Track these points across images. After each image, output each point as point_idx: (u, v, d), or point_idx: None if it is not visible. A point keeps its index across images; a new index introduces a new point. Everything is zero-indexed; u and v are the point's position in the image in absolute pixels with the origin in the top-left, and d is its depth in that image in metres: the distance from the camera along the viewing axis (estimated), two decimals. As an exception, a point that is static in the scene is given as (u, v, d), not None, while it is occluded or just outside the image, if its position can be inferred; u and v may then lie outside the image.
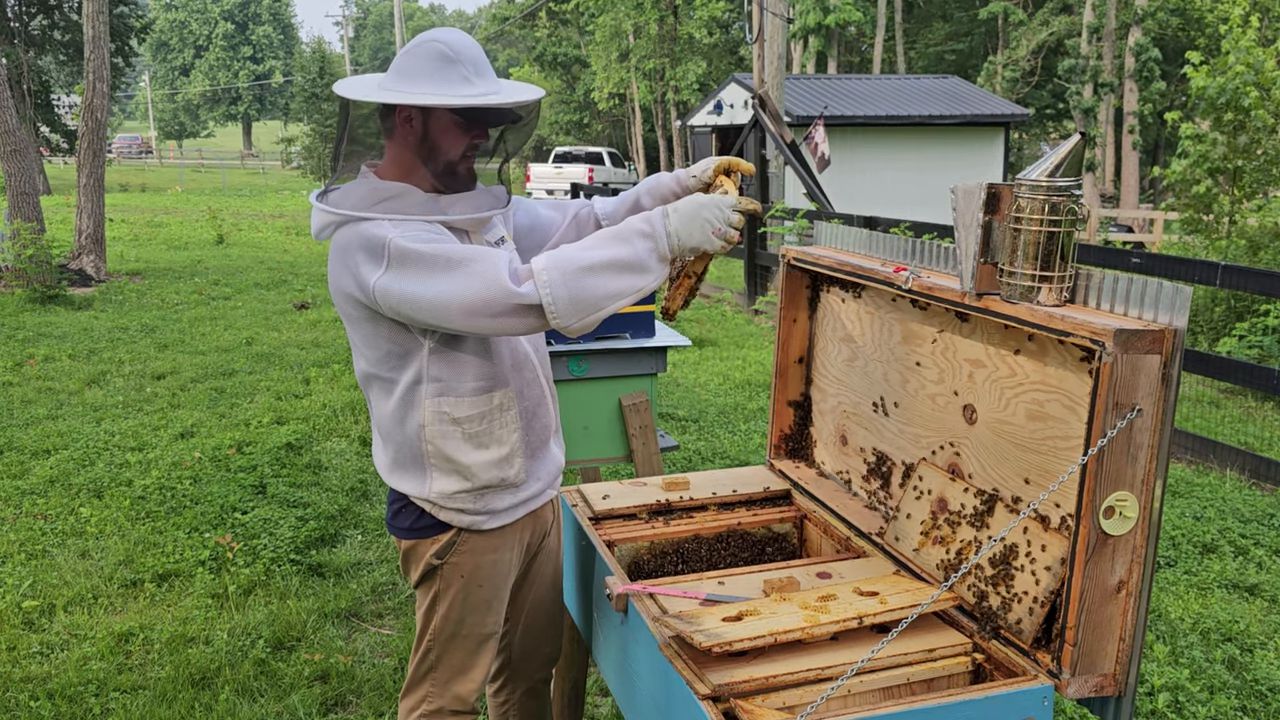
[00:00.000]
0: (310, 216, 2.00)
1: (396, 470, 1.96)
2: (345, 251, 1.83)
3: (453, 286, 1.74)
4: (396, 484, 1.97)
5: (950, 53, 33.06)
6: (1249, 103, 9.00)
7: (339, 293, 1.88)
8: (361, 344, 1.91)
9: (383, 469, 2.00)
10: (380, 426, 1.97)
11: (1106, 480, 1.51)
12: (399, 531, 2.00)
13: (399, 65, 1.87)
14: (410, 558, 2.01)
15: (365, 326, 1.88)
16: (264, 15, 63.03)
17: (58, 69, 33.35)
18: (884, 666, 1.65)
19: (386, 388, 1.92)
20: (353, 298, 1.85)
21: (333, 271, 1.89)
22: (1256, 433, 5.86)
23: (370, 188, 1.86)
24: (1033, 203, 1.61)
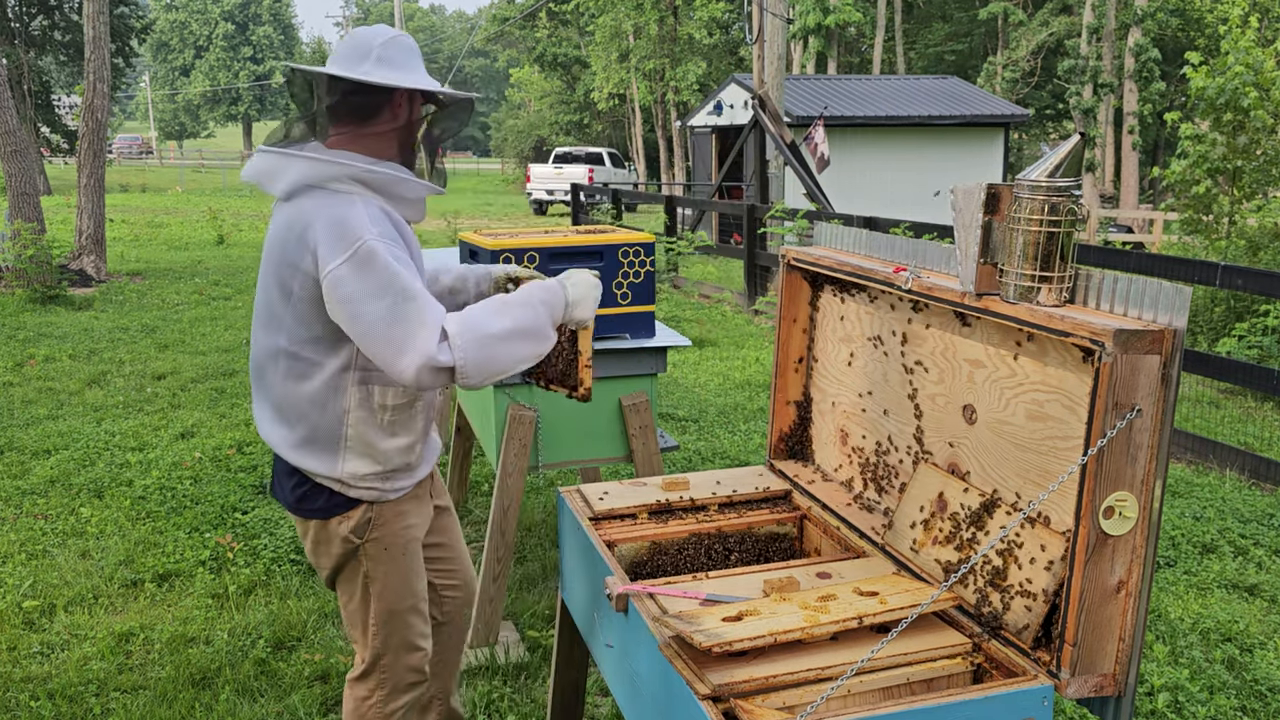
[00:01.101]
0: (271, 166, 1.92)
1: (305, 449, 1.99)
2: (309, 226, 1.85)
3: (391, 324, 1.78)
4: (302, 462, 2.00)
5: (950, 53, 33.06)
6: (1248, 103, 9.01)
7: (285, 263, 1.88)
8: (291, 321, 1.91)
9: (284, 446, 2.00)
10: (287, 405, 1.98)
11: (1106, 480, 1.51)
12: (310, 513, 2.03)
13: (386, 55, 1.93)
14: (322, 539, 2.05)
15: (304, 306, 1.89)
16: (264, 16, 63.02)
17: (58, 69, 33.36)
18: (884, 666, 1.65)
19: (305, 369, 1.94)
20: (303, 272, 1.86)
21: (283, 240, 1.89)
22: (1256, 433, 5.86)
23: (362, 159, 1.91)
24: (1032, 203, 1.62)
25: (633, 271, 3.12)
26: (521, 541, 4.13)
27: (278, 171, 1.91)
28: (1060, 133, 33.39)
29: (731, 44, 32.44)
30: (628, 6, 28.81)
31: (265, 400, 2.03)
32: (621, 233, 3.17)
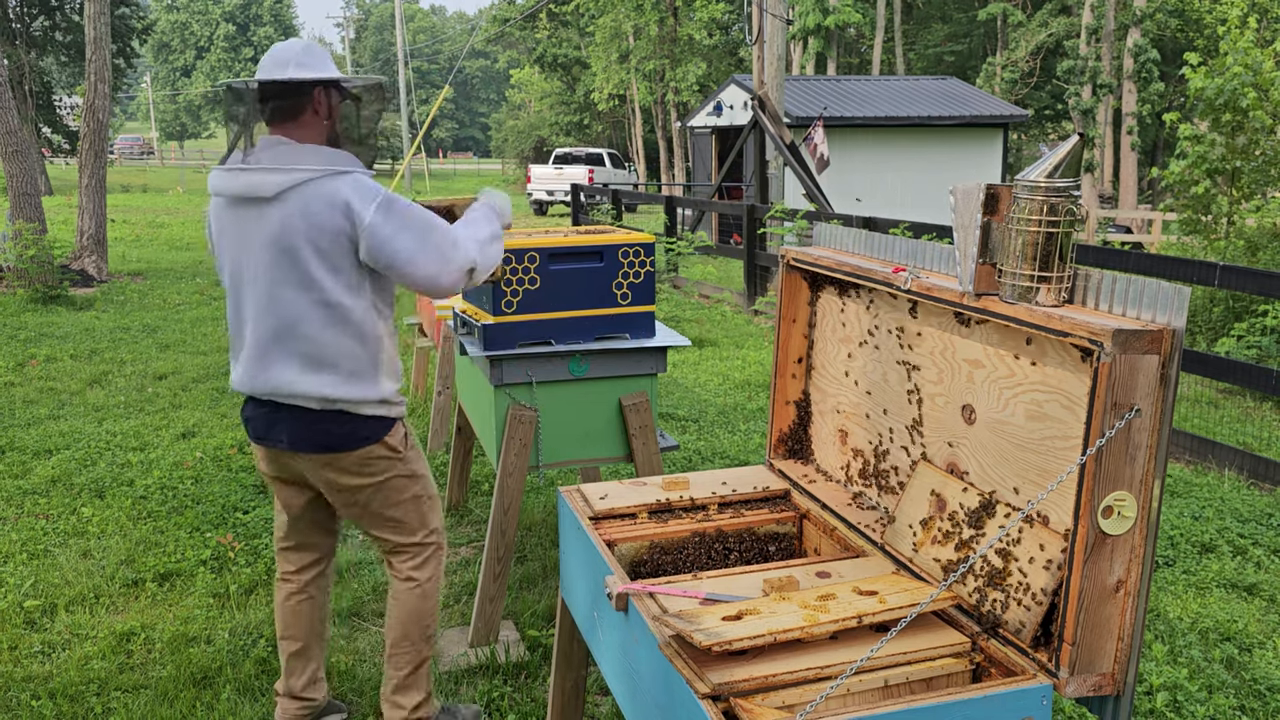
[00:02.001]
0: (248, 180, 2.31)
1: (351, 382, 2.36)
2: (336, 193, 2.26)
3: (424, 248, 2.30)
4: (349, 394, 2.35)
5: (949, 54, 33.07)
6: (1247, 103, 9.01)
7: (319, 228, 2.26)
8: (327, 276, 2.30)
9: (327, 388, 2.34)
10: (330, 349, 2.34)
11: (1105, 480, 1.52)
12: (362, 441, 2.39)
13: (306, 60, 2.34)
14: (370, 461, 2.42)
15: (337, 258, 2.29)
16: (265, 16, 63.05)
17: (59, 70, 33.35)
18: (883, 665, 1.66)
19: (344, 313, 2.33)
20: (337, 231, 2.27)
21: (305, 216, 2.26)
22: (1255, 433, 5.87)
23: (331, 152, 2.32)
24: (1031, 203, 1.62)
25: (633, 272, 3.12)
26: (521, 541, 4.14)
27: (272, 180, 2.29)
28: (1059, 133, 33.40)
29: (731, 44, 32.45)
30: (628, 7, 28.82)
31: (292, 357, 2.35)
32: (621, 233, 3.18)
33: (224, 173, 2.36)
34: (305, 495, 2.61)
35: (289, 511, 2.65)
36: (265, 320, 2.35)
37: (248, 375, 2.41)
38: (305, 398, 2.35)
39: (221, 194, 2.37)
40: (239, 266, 2.38)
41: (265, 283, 2.33)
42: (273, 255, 2.31)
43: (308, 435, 2.39)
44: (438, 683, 3.08)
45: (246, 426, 2.51)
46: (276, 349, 2.35)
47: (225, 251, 2.42)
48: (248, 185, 2.30)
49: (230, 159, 2.37)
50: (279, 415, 2.41)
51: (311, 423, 2.38)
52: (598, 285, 3.09)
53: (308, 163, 2.28)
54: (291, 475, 2.55)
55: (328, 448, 2.40)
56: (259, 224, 2.32)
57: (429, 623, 2.62)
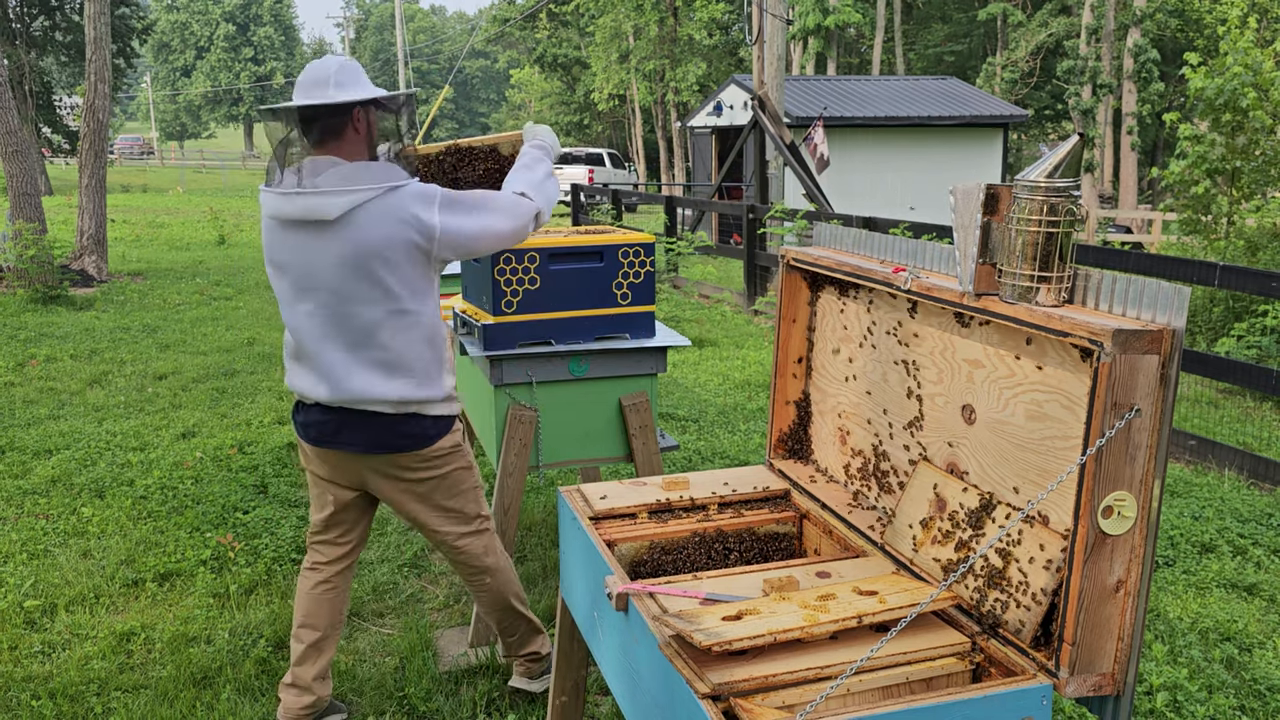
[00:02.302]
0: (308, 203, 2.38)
1: (423, 384, 2.49)
2: (400, 208, 2.37)
3: (496, 217, 2.45)
4: (421, 395, 2.48)
5: (949, 54, 33.08)
6: (1247, 103, 9.01)
7: (388, 243, 2.37)
8: (398, 286, 2.41)
9: (404, 391, 2.46)
10: (403, 355, 2.45)
11: (1105, 480, 1.52)
12: (429, 440, 2.53)
13: (343, 79, 2.42)
14: (434, 457, 2.57)
15: (407, 269, 2.41)
16: (265, 16, 63.03)
17: (59, 70, 33.34)
18: (883, 665, 1.66)
19: (413, 319, 2.45)
20: (407, 243, 2.39)
21: (374, 233, 2.36)
22: (1255, 433, 5.87)
23: (380, 167, 2.41)
24: (1031, 203, 1.62)
25: (633, 272, 3.12)
26: (521, 541, 4.14)
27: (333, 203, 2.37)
28: (1059, 133, 33.40)
29: (731, 45, 32.45)
30: (628, 7, 28.83)
31: (370, 366, 2.46)
32: (621, 233, 3.18)
33: (279, 196, 2.41)
34: (353, 494, 2.69)
35: (335, 507, 2.71)
36: (341, 334, 2.45)
37: (325, 385, 2.49)
38: (382, 403, 2.47)
39: (279, 217, 2.43)
40: (305, 285, 2.45)
41: (338, 299, 2.43)
42: (344, 273, 2.40)
43: (382, 439, 2.51)
44: (438, 682, 3.08)
45: (306, 431, 2.59)
46: (354, 359, 2.45)
47: (287, 271, 2.47)
48: (308, 209, 2.37)
49: (282, 181, 2.43)
50: (351, 420, 2.51)
51: (386, 426, 2.50)
52: (598, 285, 3.09)
53: (364, 182, 2.36)
54: (348, 477, 2.64)
55: (401, 448, 2.52)
56: (325, 244, 2.40)
57: (516, 589, 2.84)
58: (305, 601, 2.75)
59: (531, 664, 2.93)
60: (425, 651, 3.25)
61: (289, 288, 2.49)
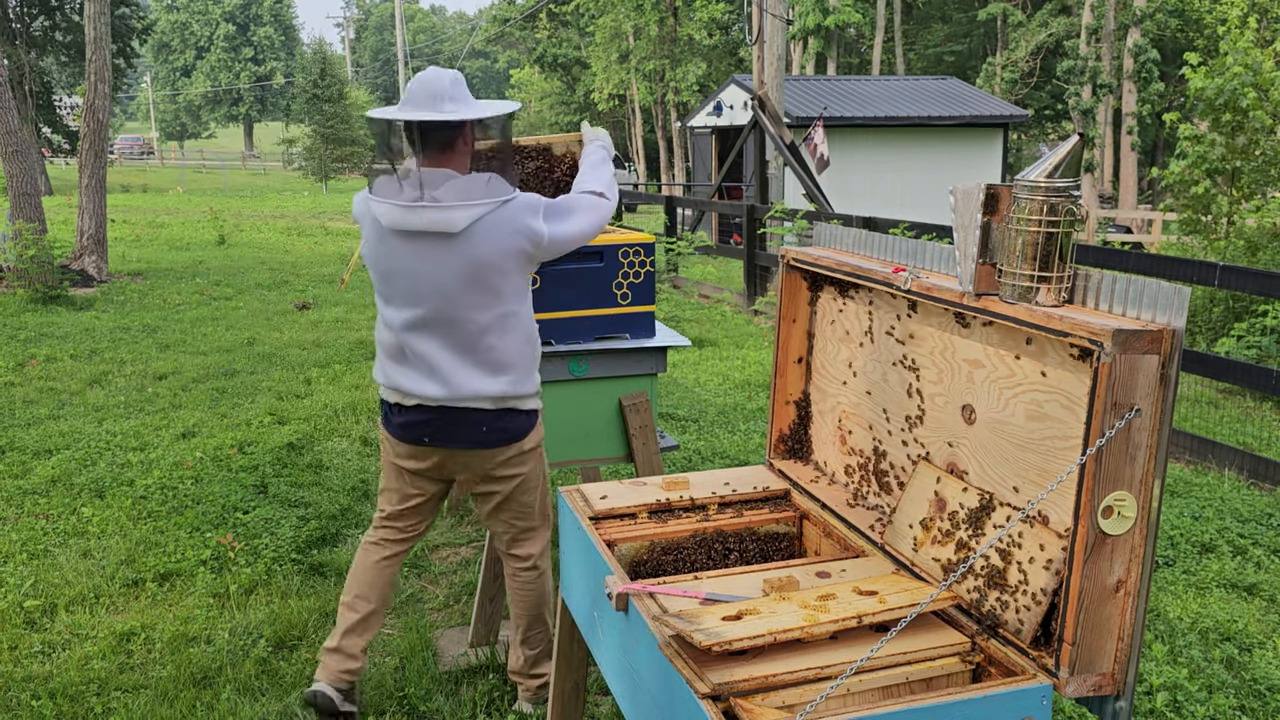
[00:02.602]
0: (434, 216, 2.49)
1: (522, 381, 2.63)
2: (514, 219, 2.53)
3: (587, 217, 2.64)
4: (519, 390, 2.62)
5: (949, 54, 33.08)
6: (1247, 103, 9.01)
7: (504, 253, 2.52)
8: (508, 291, 2.57)
9: (506, 387, 2.59)
10: (507, 355, 2.59)
11: (1105, 480, 1.52)
12: (522, 434, 2.68)
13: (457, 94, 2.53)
14: (524, 452, 2.70)
15: (515, 275, 2.58)
16: (265, 16, 63.02)
17: (59, 70, 33.34)
18: (883, 665, 1.66)
19: (515, 320, 2.60)
20: (519, 252, 2.54)
21: (492, 242, 2.50)
22: (1255, 433, 5.87)
23: (491, 180, 2.54)
24: (1031, 203, 1.62)
25: (633, 272, 3.12)
26: (522, 541, 4.14)
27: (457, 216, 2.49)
28: (1059, 133, 33.41)
29: (731, 44, 32.45)
30: (628, 7, 28.82)
31: (477, 366, 2.58)
32: (621, 233, 3.18)
33: (403, 209, 2.50)
34: (438, 487, 2.82)
35: (418, 499, 2.82)
36: (452, 337, 2.57)
37: (435, 386, 2.59)
38: (487, 399, 2.60)
39: (401, 229, 2.52)
40: (418, 291, 2.55)
41: (452, 305, 2.54)
42: (461, 282, 2.52)
43: (482, 435, 2.64)
44: (438, 682, 3.08)
45: (406, 431, 2.67)
46: (464, 360, 2.57)
47: (399, 279, 2.56)
48: (433, 222, 2.49)
49: (401, 193, 2.51)
50: (455, 418, 2.62)
51: (486, 422, 2.63)
52: (598, 285, 3.09)
53: (481, 195, 2.50)
54: (442, 473, 2.75)
55: (499, 443, 2.66)
56: (444, 255, 2.51)
57: (550, 600, 2.90)
58: (368, 574, 2.85)
59: (539, 690, 2.93)
60: (425, 651, 3.25)
61: (399, 294, 2.58)
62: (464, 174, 2.54)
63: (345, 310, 9.89)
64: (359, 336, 8.55)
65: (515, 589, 2.86)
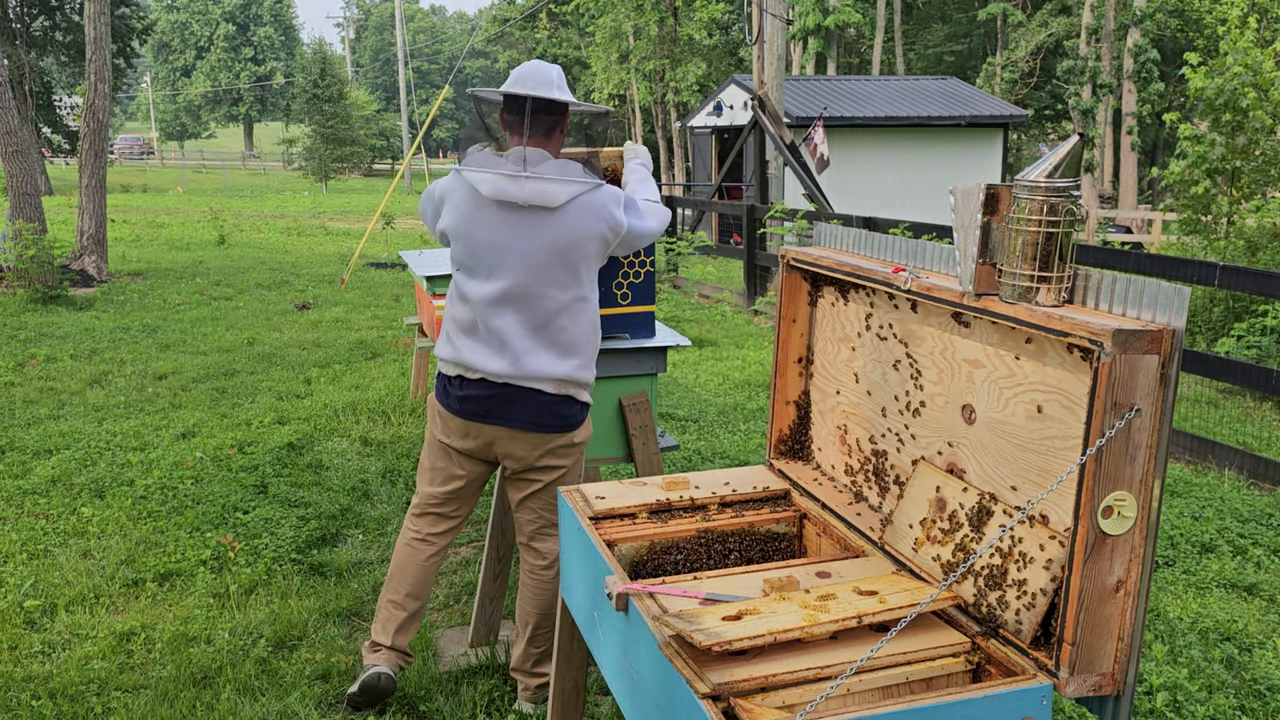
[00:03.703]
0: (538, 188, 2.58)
1: (585, 367, 2.69)
2: (604, 205, 2.64)
3: (655, 219, 2.79)
4: (580, 376, 2.67)
5: (949, 54, 33.08)
6: (1247, 103, 9.01)
7: (590, 235, 2.62)
8: (584, 274, 2.66)
9: (572, 370, 2.65)
10: (576, 339, 2.66)
11: (1105, 480, 1.52)
12: (576, 423, 2.73)
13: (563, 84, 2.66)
14: (573, 441, 2.74)
15: (594, 260, 2.67)
16: (265, 16, 63.02)
17: (59, 70, 33.34)
18: (883, 665, 1.66)
19: (585, 305, 2.67)
20: (600, 237, 2.65)
21: (580, 224, 2.61)
22: (1255, 433, 5.87)
23: (581, 165, 2.63)
24: (1031, 203, 1.62)
25: (633, 272, 3.12)
26: (522, 541, 4.14)
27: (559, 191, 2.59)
28: (1059, 133, 33.40)
29: (731, 44, 32.45)
30: (628, 7, 28.82)
31: (547, 346, 2.64)
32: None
33: (506, 178, 2.58)
34: (484, 469, 2.84)
35: (463, 482, 2.85)
36: (533, 314, 2.63)
37: (504, 361, 2.63)
38: (550, 380, 2.64)
39: (501, 198, 2.59)
40: (502, 264, 2.62)
41: (538, 281, 2.61)
42: (548, 257, 2.60)
43: (540, 417, 2.67)
44: (438, 682, 3.08)
45: (464, 404, 2.70)
46: (538, 339, 2.63)
47: (485, 250, 2.63)
48: (536, 194, 2.57)
49: (501, 164, 2.60)
50: (515, 397, 2.66)
51: (545, 405, 2.66)
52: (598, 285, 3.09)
53: (579, 176, 2.60)
54: (489, 452, 2.77)
55: (554, 428, 2.69)
56: (537, 229, 2.60)
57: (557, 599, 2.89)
58: (417, 572, 2.89)
59: (539, 689, 2.94)
60: (425, 651, 3.25)
61: (485, 267, 2.64)
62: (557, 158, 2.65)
63: (345, 310, 9.89)
64: (359, 336, 8.55)
65: (530, 586, 2.87)
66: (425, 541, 2.90)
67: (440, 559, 2.94)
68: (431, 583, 2.94)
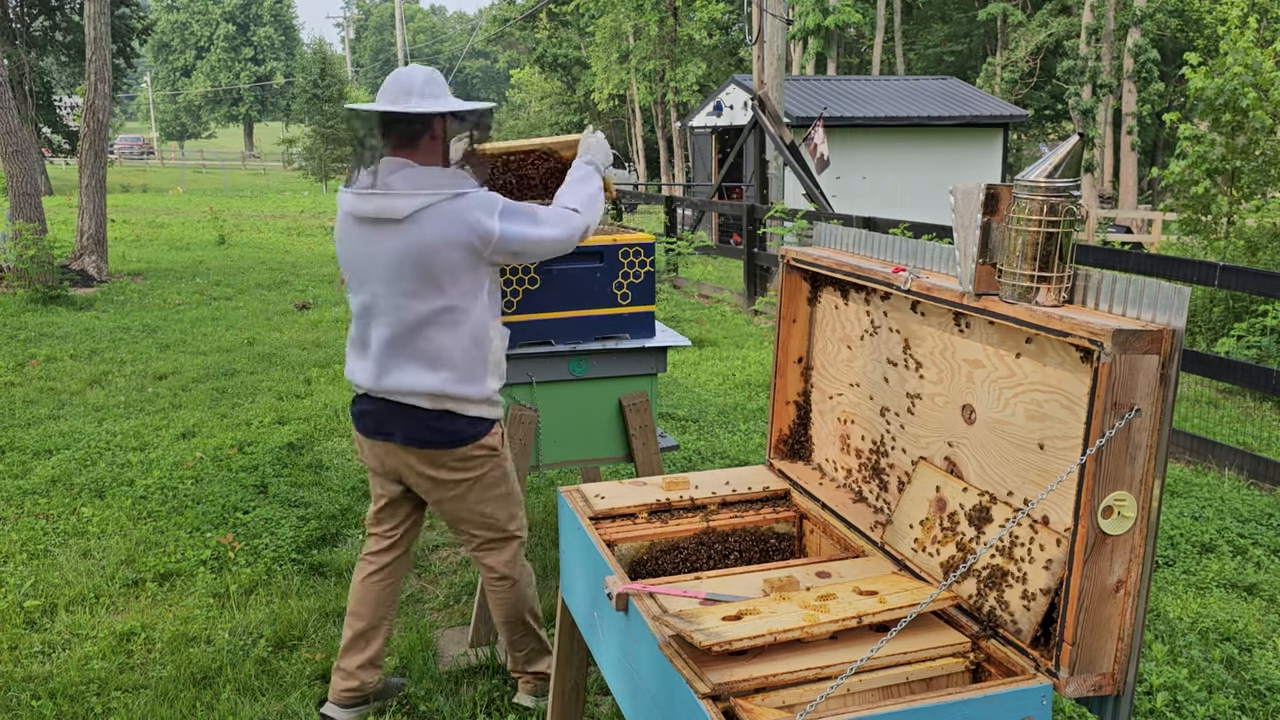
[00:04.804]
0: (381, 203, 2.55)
1: (463, 382, 2.59)
2: (463, 213, 2.52)
3: (558, 227, 2.62)
4: (460, 391, 2.58)
5: (949, 54, 33.07)
6: (1247, 103, 9.01)
7: (447, 245, 2.52)
8: (450, 285, 2.55)
9: (446, 385, 2.57)
10: (447, 351, 2.58)
11: (1105, 480, 1.52)
12: (468, 439, 2.63)
13: (428, 91, 2.56)
14: (471, 457, 2.65)
15: (461, 272, 2.56)
16: (265, 16, 63.04)
17: (59, 70, 33.34)
18: (883, 665, 1.66)
19: (461, 317, 2.57)
20: (466, 245, 2.53)
21: (435, 233, 2.51)
22: (1255, 433, 5.87)
23: (449, 173, 2.56)
24: (1031, 203, 1.62)
25: (633, 272, 3.12)
26: (522, 541, 4.14)
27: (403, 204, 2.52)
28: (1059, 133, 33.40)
29: (731, 44, 32.44)
30: (628, 7, 28.82)
31: (414, 359, 2.59)
32: (621, 233, 3.18)
33: (356, 196, 2.58)
34: (399, 488, 2.80)
35: (384, 500, 2.84)
36: (393, 326, 2.59)
37: (373, 374, 2.63)
38: (421, 395, 2.59)
39: (354, 214, 2.60)
40: (369, 278, 2.61)
41: (395, 293, 2.57)
42: (403, 269, 2.55)
43: (418, 432, 2.62)
44: (438, 682, 3.08)
45: (360, 421, 2.73)
46: (400, 351, 2.59)
47: (356, 265, 2.63)
48: (379, 208, 2.54)
49: (358, 181, 2.60)
50: (393, 412, 2.63)
51: (422, 420, 2.61)
52: (598, 285, 3.09)
53: (432, 186, 2.52)
54: (391, 470, 2.74)
55: (435, 444, 2.62)
56: (390, 241, 2.55)
57: (532, 604, 2.89)
58: (356, 590, 2.87)
59: (538, 682, 2.95)
60: (425, 651, 3.25)
61: (355, 280, 2.65)
62: (425, 166, 2.56)
63: (345, 310, 9.89)
64: (359, 336, 8.55)
65: (491, 597, 2.87)
66: (364, 560, 2.88)
67: (387, 581, 2.86)
68: (381, 605, 2.85)
